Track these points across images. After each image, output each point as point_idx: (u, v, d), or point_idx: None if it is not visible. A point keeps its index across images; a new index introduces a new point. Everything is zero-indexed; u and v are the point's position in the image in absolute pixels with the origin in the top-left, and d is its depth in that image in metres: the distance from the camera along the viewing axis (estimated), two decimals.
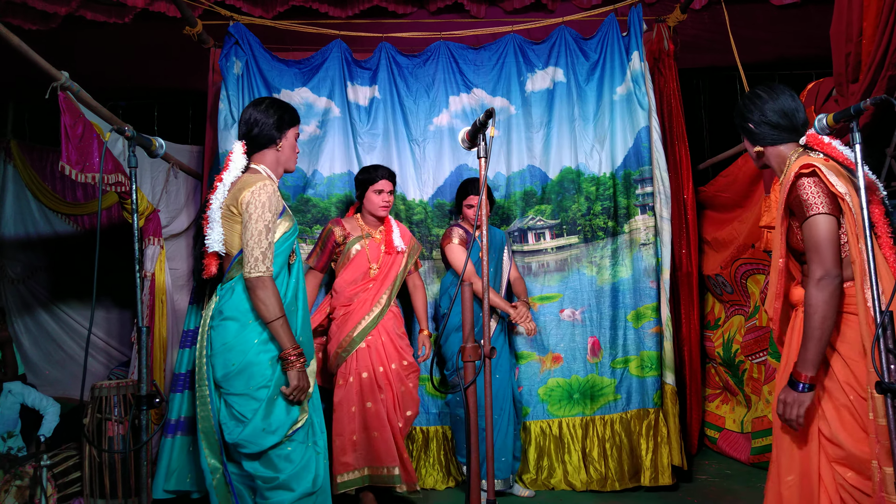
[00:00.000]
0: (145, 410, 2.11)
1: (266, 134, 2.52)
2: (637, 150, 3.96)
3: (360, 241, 3.51)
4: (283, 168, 2.61)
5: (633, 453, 3.79)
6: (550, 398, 3.92)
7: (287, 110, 2.58)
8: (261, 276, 2.33)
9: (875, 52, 2.78)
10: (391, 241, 3.54)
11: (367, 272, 3.47)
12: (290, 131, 2.58)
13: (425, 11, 4.33)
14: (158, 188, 4.43)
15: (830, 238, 2.00)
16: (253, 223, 2.34)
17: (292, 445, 2.39)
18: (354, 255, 3.48)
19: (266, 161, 2.55)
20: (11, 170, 5.22)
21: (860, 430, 1.98)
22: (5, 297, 5.31)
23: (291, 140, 2.59)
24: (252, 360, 2.37)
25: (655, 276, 3.89)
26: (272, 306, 2.34)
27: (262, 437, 2.33)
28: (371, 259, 3.49)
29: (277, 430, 2.35)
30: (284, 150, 2.57)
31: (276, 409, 2.37)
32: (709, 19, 4.35)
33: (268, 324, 2.35)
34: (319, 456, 2.47)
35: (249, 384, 2.36)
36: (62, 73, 3.18)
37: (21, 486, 3.35)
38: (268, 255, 2.35)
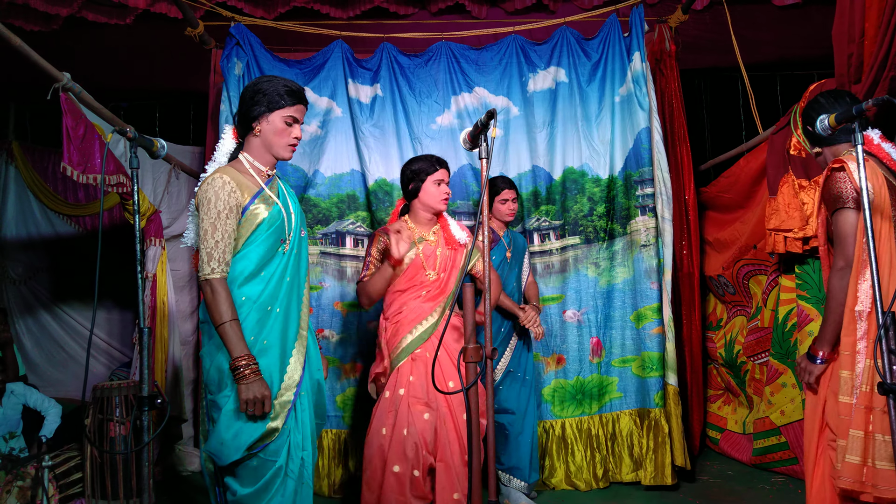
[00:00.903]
0: (147, 411, 2.11)
1: (245, 116, 2.27)
2: (637, 151, 3.96)
3: (413, 248, 3.08)
4: (273, 155, 2.31)
5: (632, 452, 3.81)
6: (554, 399, 3.92)
7: (275, 90, 2.25)
8: (207, 277, 2.13)
9: (877, 53, 2.78)
10: (451, 236, 3.14)
11: (422, 280, 3.05)
12: (275, 114, 2.25)
13: (426, 12, 4.32)
14: (160, 189, 4.44)
15: (853, 231, 2.14)
16: (201, 221, 2.17)
17: (257, 461, 2.17)
18: (408, 266, 3.05)
19: (250, 148, 2.30)
20: (13, 171, 5.22)
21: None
22: (7, 298, 5.31)
23: (278, 124, 2.26)
24: (219, 365, 2.19)
25: (657, 278, 3.88)
26: (216, 310, 2.12)
27: (221, 450, 2.15)
28: (427, 265, 3.07)
29: (236, 444, 2.14)
30: (265, 136, 2.27)
31: (237, 422, 2.15)
32: (710, 20, 4.34)
33: (216, 328, 2.14)
34: (288, 479, 2.21)
35: (218, 389, 2.20)
36: (64, 75, 3.18)
37: (23, 486, 3.35)
38: (214, 254, 2.14)
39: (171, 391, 4.35)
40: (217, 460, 2.19)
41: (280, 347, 2.26)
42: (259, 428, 2.16)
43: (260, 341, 2.21)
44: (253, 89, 2.27)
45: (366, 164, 4.03)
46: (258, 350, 2.20)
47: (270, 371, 2.22)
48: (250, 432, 2.15)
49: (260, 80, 2.30)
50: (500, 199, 3.67)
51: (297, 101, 2.30)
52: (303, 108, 2.33)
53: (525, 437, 3.60)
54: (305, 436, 2.28)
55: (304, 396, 2.30)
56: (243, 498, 2.17)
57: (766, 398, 4.02)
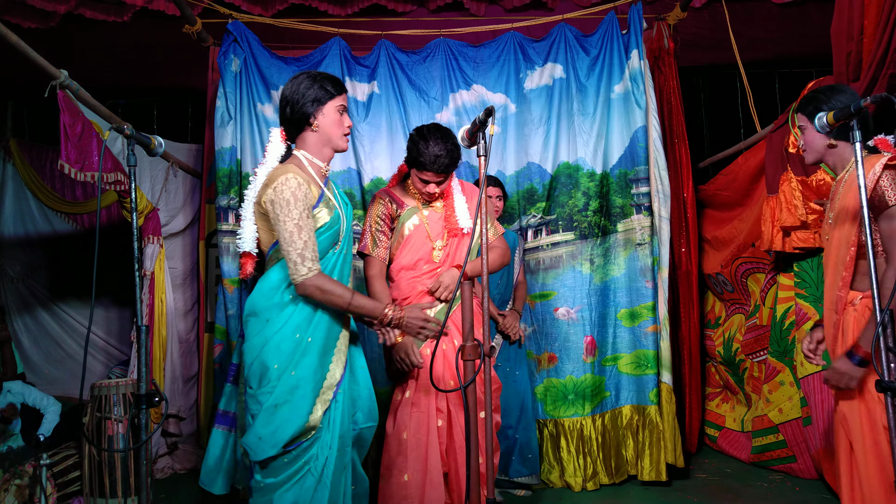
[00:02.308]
0: (145, 409, 2.11)
1: (299, 113, 2.26)
2: (633, 149, 3.96)
3: (415, 213, 2.84)
4: (331, 148, 2.33)
5: (627, 452, 3.81)
6: (546, 398, 3.91)
7: (322, 82, 2.28)
8: (304, 278, 2.16)
9: (876, 51, 2.78)
10: (452, 214, 2.84)
11: (429, 254, 2.82)
12: (328, 105, 2.27)
13: (425, 9, 4.32)
14: (158, 187, 4.43)
15: None
16: (282, 224, 2.17)
17: (289, 458, 2.21)
18: (410, 233, 2.82)
19: (307, 144, 2.31)
20: (11, 168, 5.21)
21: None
22: (5, 296, 5.31)
23: (332, 115, 2.28)
24: (263, 361, 2.23)
25: (651, 276, 3.88)
26: (338, 297, 2.20)
27: (259, 445, 2.19)
28: (433, 236, 2.82)
29: (274, 440, 2.18)
30: (323, 129, 2.28)
31: (276, 419, 2.19)
32: (709, 17, 4.34)
33: (346, 311, 2.26)
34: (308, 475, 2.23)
35: (260, 385, 2.24)
36: (61, 72, 3.18)
37: (21, 485, 3.35)
38: (306, 254, 2.16)
39: (169, 389, 4.35)
40: (252, 455, 2.22)
41: (323, 346, 2.28)
42: (295, 426, 2.19)
43: (305, 339, 2.25)
44: (300, 87, 2.27)
45: (361, 162, 4.02)
46: (303, 348, 2.24)
47: (312, 369, 2.24)
48: (288, 429, 2.18)
49: (302, 76, 2.30)
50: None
51: (343, 90, 2.34)
52: (346, 97, 2.35)
53: (510, 431, 3.60)
54: (334, 436, 2.28)
55: (341, 395, 2.31)
56: (266, 487, 2.21)
57: (765, 396, 4.03)
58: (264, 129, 3.97)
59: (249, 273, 2.41)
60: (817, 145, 2.32)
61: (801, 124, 2.36)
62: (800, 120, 2.37)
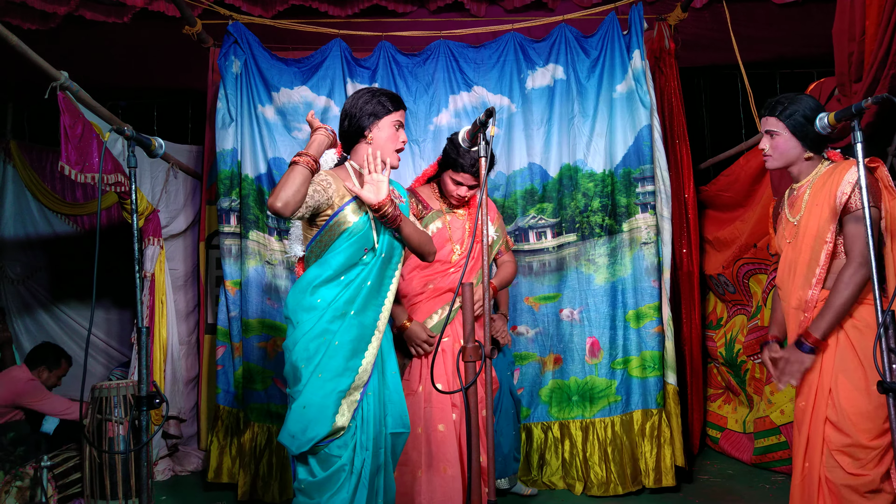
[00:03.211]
0: (145, 411, 2.10)
1: (355, 126, 2.37)
2: (638, 148, 3.94)
3: (439, 216, 2.92)
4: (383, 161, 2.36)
5: (634, 456, 3.75)
6: (551, 400, 3.90)
7: (380, 98, 2.37)
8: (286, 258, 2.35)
9: (877, 51, 2.77)
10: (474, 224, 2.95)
11: (448, 255, 2.89)
12: (384, 119, 2.36)
13: (425, 10, 4.31)
14: (158, 188, 4.43)
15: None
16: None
17: (323, 455, 2.27)
18: (433, 235, 2.85)
19: (358, 156, 2.40)
20: (11, 170, 5.21)
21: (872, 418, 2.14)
22: (5, 298, 5.31)
23: (388, 130, 2.37)
24: (294, 362, 2.30)
25: (657, 275, 3.86)
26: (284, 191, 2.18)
27: (292, 442, 2.27)
28: (454, 239, 2.92)
29: (304, 438, 2.24)
30: (377, 142, 2.36)
31: (304, 418, 2.26)
32: (710, 18, 4.33)
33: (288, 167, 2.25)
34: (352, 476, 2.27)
35: (293, 385, 2.32)
36: (61, 73, 3.17)
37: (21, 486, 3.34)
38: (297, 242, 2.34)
39: (169, 391, 4.35)
40: (288, 451, 2.32)
41: (351, 349, 2.33)
42: (325, 425, 2.25)
43: (332, 342, 2.30)
44: (359, 101, 2.38)
45: None
46: (331, 351, 2.29)
47: (338, 371, 2.29)
48: (317, 428, 2.25)
49: (363, 90, 2.41)
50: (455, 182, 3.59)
51: (401, 106, 2.43)
52: (404, 113, 2.44)
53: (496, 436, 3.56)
54: (368, 437, 2.32)
55: (371, 397, 2.35)
56: (307, 487, 2.27)
57: (766, 397, 4.02)
58: (265, 130, 3.97)
59: None
60: (791, 154, 2.36)
61: (773, 129, 2.35)
62: (771, 125, 2.35)
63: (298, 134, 4.01)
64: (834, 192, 2.23)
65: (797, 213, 2.37)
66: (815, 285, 2.28)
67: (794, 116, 2.31)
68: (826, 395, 2.21)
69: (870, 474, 2.13)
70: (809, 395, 2.27)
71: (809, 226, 2.31)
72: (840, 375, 2.20)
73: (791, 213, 2.42)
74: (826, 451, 2.20)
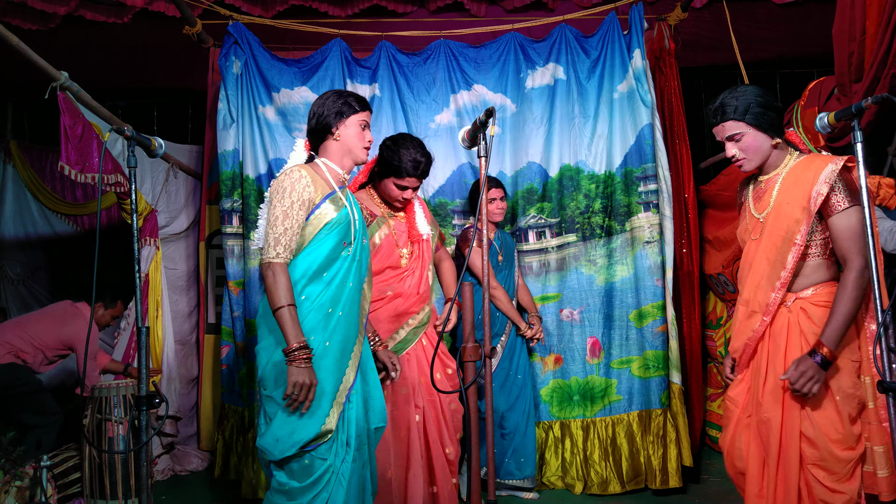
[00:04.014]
0: (145, 411, 2.11)
1: (323, 123, 2.41)
2: (640, 147, 3.94)
3: (384, 223, 2.96)
4: (351, 159, 2.45)
5: (633, 455, 3.75)
6: (552, 400, 3.90)
7: (347, 98, 2.44)
8: (270, 261, 2.22)
9: (877, 51, 2.77)
10: (413, 224, 3.02)
11: (397, 261, 2.95)
12: (350, 118, 2.42)
13: (425, 10, 4.31)
14: (158, 188, 4.43)
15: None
16: (271, 208, 2.27)
17: (309, 458, 2.24)
18: (381, 242, 2.92)
19: (328, 153, 2.44)
20: (11, 170, 5.22)
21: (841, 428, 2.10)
22: (5, 298, 5.31)
23: (354, 128, 2.42)
24: (278, 362, 2.25)
25: (661, 274, 3.85)
26: (276, 294, 2.19)
27: (276, 446, 2.22)
28: (400, 244, 2.96)
29: (292, 441, 2.21)
30: (344, 139, 2.41)
31: (294, 420, 2.22)
32: (709, 18, 4.34)
33: (273, 312, 2.21)
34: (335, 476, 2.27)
35: (276, 386, 2.26)
36: (61, 73, 3.18)
37: (21, 486, 3.34)
38: (281, 241, 2.23)
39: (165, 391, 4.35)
40: (268, 455, 2.24)
41: (340, 350, 2.33)
42: (315, 428, 2.23)
43: (322, 343, 2.28)
44: (326, 100, 2.43)
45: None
46: (320, 351, 2.27)
47: (330, 372, 2.28)
48: (306, 431, 2.22)
49: (330, 92, 2.47)
50: (487, 197, 3.64)
51: (367, 108, 2.49)
52: (370, 115, 2.51)
53: (507, 433, 3.60)
54: (350, 435, 2.32)
55: (355, 395, 2.36)
56: (293, 490, 2.23)
57: None
58: (265, 131, 3.97)
59: None
60: (763, 148, 2.24)
61: (735, 132, 2.23)
62: (731, 128, 2.23)
63: (299, 135, 4.01)
64: (808, 191, 2.14)
65: (764, 209, 2.27)
66: (779, 288, 2.18)
67: (751, 110, 2.21)
68: (798, 409, 2.13)
69: (847, 492, 2.07)
70: (775, 408, 2.17)
71: (778, 224, 2.21)
72: None
73: (756, 207, 2.31)
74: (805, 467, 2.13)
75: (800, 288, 2.20)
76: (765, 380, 2.22)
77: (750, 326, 2.26)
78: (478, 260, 3.54)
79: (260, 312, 2.37)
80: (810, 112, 3.55)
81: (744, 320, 2.30)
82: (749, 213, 2.35)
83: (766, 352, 2.23)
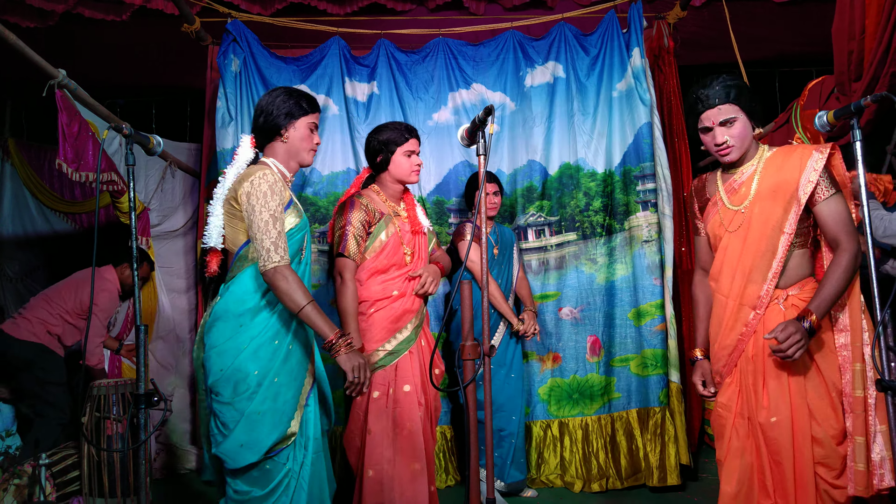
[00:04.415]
0: (144, 409, 2.10)
1: (271, 123, 2.36)
2: (638, 146, 3.94)
3: (390, 220, 2.92)
4: (297, 162, 2.41)
5: (632, 453, 3.77)
6: (550, 398, 3.90)
7: (298, 98, 2.38)
8: (276, 266, 2.15)
9: (876, 50, 2.77)
10: (416, 217, 3.02)
11: (402, 259, 2.92)
12: (300, 121, 2.37)
13: (424, 9, 4.31)
14: (152, 187, 4.43)
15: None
16: (257, 214, 2.18)
17: (271, 464, 2.21)
18: (388, 239, 2.89)
19: (275, 153, 2.38)
20: (9, 168, 5.20)
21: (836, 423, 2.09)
22: (3, 296, 5.29)
23: (302, 131, 2.38)
24: (239, 367, 2.19)
25: (660, 273, 3.86)
26: (296, 295, 2.15)
27: (240, 453, 2.17)
28: (405, 242, 2.93)
29: (257, 447, 2.17)
30: (292, 142, 2.37)
31: (259, 425, 2.18)
32: (709, 16, 4.33)
33: (297, 314, 2.17)
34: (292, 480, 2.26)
35: (236, 392, 2.19)
36: (59, 71, 3.17)
37: (19, 484, 3.34)
38: (279, 244, 2.17)
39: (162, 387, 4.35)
40: (231, 462, 2.18)
41: (302, 353, 2.33)
42: (281, 431, 2.21)
43: (285, 346, 2.26)
44: (276, 100, 2.37)
45: (361, 163, 4.02)
46: (284, 354, 2.25)
47: (294, 375, 2.28)
48: (272, 435, 2.19)
49: (280, 90, 2.41)
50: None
51: (317, 109, 2.45)
52: (319, 116, 2.47)
53: (506, 435, 3.59)
54: (308, 437, 2.30)
55: (311, 398, 2.35)
56: (254, 499, 2.19)
57: None
58: None
59: (214, 271, 2.40)
60: (748, 138, 2.20)
61: (730, 116, 2.17)
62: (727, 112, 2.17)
63: None
64: (795, 179, 2.12)
65: (742, 200, 2.22)
66: (772, 279, 2.15)
67: (744, 94, 2.16)
68: (807, 412, 2.10)
69: (844, 487, 2.06)
70: (784, 410, 2.12)
71: (766, 215, 2.17)
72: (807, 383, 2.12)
73: (731, 199, 2.25)
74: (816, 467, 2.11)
75: (787, 284, 2.18)
76: (764, 380, 2.17)
77: (741, 321, 2.21)
78: (475, 257, 3.53)
79: (215, 316, 2.26)
80: (810, 113, 3.55)
81: (733, 314, 2.24)
82: (722, 207, 2.29)
83: (760, 350, 2.17)
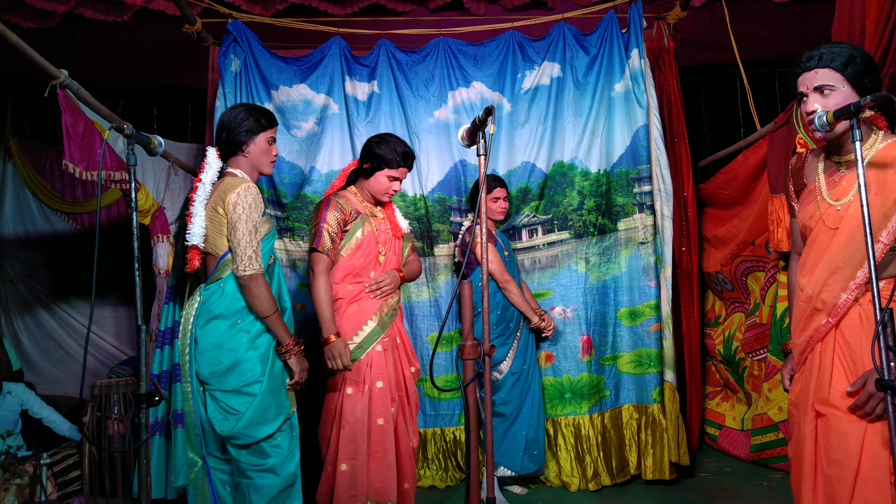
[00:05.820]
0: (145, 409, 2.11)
1: (234, 139, 2.59)
2: (634, 148, 3.96)
3: (366, 221, 3.00)
4: (258, 172, 2.66)
5: (621, 448, 3.82)
6: (543, 397, 3.91)
7: (257, 116, 2.60)
8: (254, 273, 2.44)
9: (876, 50, 2.77)
10: (396, 221, 3.13)
11: (375, 258, 3.00)
12: (259, 136, 2.60)
13: (425, 9, 4.32)
14: (161, 186, 4.44)
15: None
16: (242, 224, 2.45)
17: (281, 435, 2.53)
18: (363, 238, 2.97)
19: (239, 165, 2.62)
20: (11, 168, 5.21)
21: None
22: (5, 296, 5.31)
23: (262, 145, 2.62)
24: (242, 358, 2.47)
25: (654, 275, 3.88)
26: (267, 302, 2.47)
27: (257, 429, 2.45)
28: (381, 241, 3.02)
29: (272, 421, 2.48)
30: (253, 155, 2.61)
31: (271, 403, 2.49)
32: (709, 16, 4.34)
33: (263, 319, 2.48)
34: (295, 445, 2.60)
35: (241, 380, 2.46)
36: (61, 72, 3.17)
37: (21, 484, 3.35)
38: (258, 253, 2.47)
39: None
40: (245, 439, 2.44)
41: None
42: (288, 404, 2.57)
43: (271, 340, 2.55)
44: (237, 116, 2.60)
45: None
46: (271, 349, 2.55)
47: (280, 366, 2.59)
48: (285, 407, 2.54)
49: (240, 107, 2.64)
50: (490, 197, 3.70)
51: (274, 123, 2.68)
52: (276, 129, 2.71)
53: (519, 427, 3.63)
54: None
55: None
56: (275, 465, 2.48)
57: (765, 394, 4.02)
58: None
59: (196, 268, 2.58)
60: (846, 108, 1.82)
61: (826, 83, 1.94)
62: (824, 78, 1.95)
63: (297, 132, 4.01)
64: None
65: (841, 196, 1.95)
66: (854, 289, 1.93)
67: (855, 63, 1.87)
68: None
69: None
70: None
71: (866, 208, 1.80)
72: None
73: (831, 193, 1.98)
74: None
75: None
76: (831, 377, 1.97)
77: (813, 325, 2.02)
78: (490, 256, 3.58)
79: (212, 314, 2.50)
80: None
81: (807, 317, 2.03)
82: (821, 198, 2.01)
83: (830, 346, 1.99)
